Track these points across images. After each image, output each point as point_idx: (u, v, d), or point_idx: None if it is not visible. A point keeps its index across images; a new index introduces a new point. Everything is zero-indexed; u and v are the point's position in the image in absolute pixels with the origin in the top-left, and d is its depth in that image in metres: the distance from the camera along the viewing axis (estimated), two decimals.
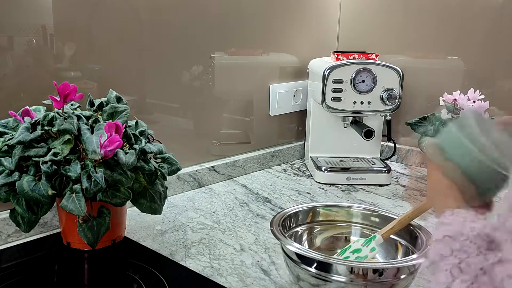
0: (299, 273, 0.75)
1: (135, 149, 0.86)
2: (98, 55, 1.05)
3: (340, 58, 1.32)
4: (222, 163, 1.33)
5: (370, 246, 0.80)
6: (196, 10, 1.22)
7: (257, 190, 1.27)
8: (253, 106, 1.42)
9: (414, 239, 0.80)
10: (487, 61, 1.37)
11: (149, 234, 1.00)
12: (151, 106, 1.18)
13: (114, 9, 1.06)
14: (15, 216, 0.83)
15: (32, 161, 0.82)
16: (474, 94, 1.25)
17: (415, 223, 0.82)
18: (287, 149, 1.52)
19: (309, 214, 0.89)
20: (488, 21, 1.36)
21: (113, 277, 0.86)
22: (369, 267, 0.71)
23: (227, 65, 1.32)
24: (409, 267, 0.72)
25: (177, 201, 1.18)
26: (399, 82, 1.29)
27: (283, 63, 1.48)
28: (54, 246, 0.94)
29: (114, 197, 0.84)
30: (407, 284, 0.74)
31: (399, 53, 1.52)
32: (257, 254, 0.92)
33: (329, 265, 0.71)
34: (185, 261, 0.89)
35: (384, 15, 1.55)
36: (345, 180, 1.32)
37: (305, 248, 0.80)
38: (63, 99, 0.85)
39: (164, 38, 1.17)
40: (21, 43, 0.94)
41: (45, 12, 0.96)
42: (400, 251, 0.83)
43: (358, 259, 0.79)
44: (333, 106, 1.29)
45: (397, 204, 1.20)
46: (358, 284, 0.70)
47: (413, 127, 1.31)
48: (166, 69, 1.18)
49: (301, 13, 1.50)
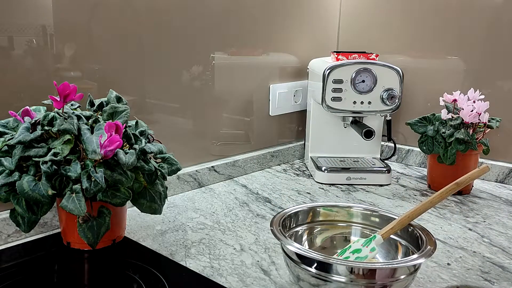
0: (299, 273, 0.75)
1: (135, 149, 0.86)
2: (98, 55, 1.05)
3: (340, 58, 1.32)
4: (222, 163, 1.33)
5: (370, 246, 0.80)
6: (196, 10, 1.22)
7: (257, 190, 1.27)
8: (253, 106, 1.42)
9: (414, 239, 0.80)
10: (487, 61, 1.37)
11: (149, 234, 1.00)
12: (151, 106, 1.18)
13: (114, 9, 1.06)
14: (15, 216, 0.83)
15: (32, 161, 0.82)
16: (474, 94, 1.26)
17: (415, 223, 0.82)
18: (287, 149, 1.52)
19: (309, 214, 0.89)
20: (488, 21, 1.36)
21: (113, 277, 0.86)
22: (369, 267, 0.71)
23: (227, 65, 1.32)
24: (409, 267, 0.72)
25: (177, 201, 1.18)
26: (399, 82, 1.29)
27: (283, 63, 1.48)
28: (54, 246, 0.94)
29: (114, 197, 0.84)
30: (407, 284, 0.74)
31: (399, 53, 1.53)
32: (257, 254, 0.92)
33: (329, 265, 0.71)
34: (185, 261, 0.89)
35: (384, 15, 1.55)
36: (345, 180, 1.33)
37: (305, 248, 0.80)
38: (63, 99, 0.85)
39: (164, 38, 1.17)
40: (21, 43, 0.94)
41: (45, 12, 0.96)
42: (400, 251, 0.83)
43: (358, 259, 0.79)
44: (333, 106, 1.29)
45: (397, 204, 1.20)
46: (358, 284, 0.70)
47: (413, 127, 1.31)
48: (166, 69, 1.18)
49: (301, 13, 1.50)
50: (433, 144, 1.26)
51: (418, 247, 0.77)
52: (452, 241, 1.00)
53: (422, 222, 1.09)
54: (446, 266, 0.89)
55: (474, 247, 0.97)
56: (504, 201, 1.23)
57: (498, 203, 1.21)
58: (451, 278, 0.85)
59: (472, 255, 0.94)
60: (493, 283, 0.84)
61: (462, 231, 1.05)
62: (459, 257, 0.93)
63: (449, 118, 1.25)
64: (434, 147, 1.26)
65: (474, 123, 1.23)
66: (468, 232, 1.04)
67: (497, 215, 1.14)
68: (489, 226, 1.08)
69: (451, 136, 1.22)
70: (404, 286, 0.73)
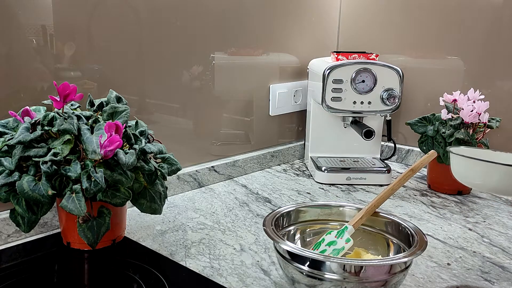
0: (293, 275, 0.75)
1: (135, 149, 0.86)
2: (98, 55, 1.05)
3: (340, 58, 1.32)
4: (222, 163, 1.33)
5: (345, 237, 0.81)
6: (196, 10, 1.22)
7: (257, 190, 1.27)
8: (253, 106, 1.42)
9: (405, 237, 0.81)
10: (487, 61, 1.37)
11: (149, 234, 1.00)
12: (151, 106, 1.18)
13: (114, 9, 1.07)
14: (15, 216, 0.83)
15: (32, 161, 0.82)
16: (474, 94, 1.25)
17: (409, 223, 0.82)
18: (287, 149, 1.52)
19: (300, 213, 0.89)
20: (488, 21, 1.36)
21: (113, 277, 0.86)
22: (362, 264, 0.71)
23: (227, 65, 1.32)
24: (400, 264, 0.72)
25: (177, 201, 1.18)
26: (399, 82, 1.29)
27: (283, 63, 1.48)
28: (54, 246, 0.94)
29: (114, 197, 0.85)
30: (399, 280, 0.74)
31: (399, 53, 1.53)
32: (257, 254, 0.92)
33: (321, 262, 0.71)
34: (185, 261, 0.89)
35: (384, 15, 1.55)
36: (345, 180, 1.33)
37: (298, 246, 0.79)
38: (63, 99, 0.85)
39: (164, 38, 1.17)
40: (21, 43, 0.94)
41: (45, 12, 0.96)
42: (392, 249, 0.83)
43: (335, 251, 0.79)
44: (333, 106, 1.29)
45: (397, 204, 1.20)
46: (350, 282, 0.70)
47: (413, 127, 1.31)
48: (166, 69, 1.19)
49: (301, 13, 1.50)
50: (433, 144, 1.26)
51: (409, 245, 0.78)
52: (452, 241, 1.00)
53: (422, 222, 1.09)
54: (446, 266, 0.89)
55: (474, 247, 0.97)
56: (504, 201, 1.23)
57: (498, 203, 1.21)
58: (451, 278, 0.85)
59: (472, 255, 0.94)
60: (493, 283, 0.84)
61: (462, 231, 1.05)
62: (459, 257, 0.93)
63: (449, 118, 1.25)
64: (434, 147, 1.26)
65: (474, 123, 1.23)
66: (468, 232, 1.04)
67: (497, 215, 1.14)
68: (489, 226, 1.08)
69: (451, 136, 1.22)
70: (395, 282, 0.73)
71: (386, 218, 0.86)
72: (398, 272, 0.72)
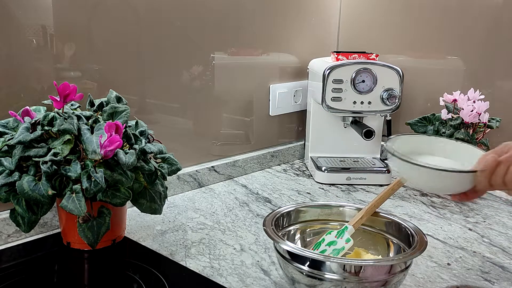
0: (293, 275, 0.75)
1: (135, 149, 0.86)
2: (98, 55, 1.05)
3: (340, 58, 1.32)
4: (222, 163, 1.33)
5: (345, 237, 0.81)
6: (196, 10, 1.22)
7: (257, 190, 1.27)
8: (253, 106, 1.42)
9: (405, 237, 0.81)
10: (487, 61, 1.37)
11: (149, 234, 1.00)
12: (151, 106, 1.18)
13: (114, 9, 1.06)
14: (15, 216, 0.83)
15: (32, 161, 0.82)
16: (474, 94, 1.25)
17: (409, 223, 0.82)
18: (287, 149, 1.52)
19: (300, 213, 0.89)
20: (488, 21, 1.35)
21: (113, 277, 0.86)
22: (362, 264, 0.71)
23: (227, 65, 1.32)
24: (400, 264, 0.72)
25: (177, 201, 1.18)
26: (399, 82, 1.29)
27: (283, 63, 1.48)
28: (54, 246, 0.94)
29: (114, 197, 0.84)
30: (399, 280, 0.74)
31: (399, 53, 1.52)
32: (257, 254, 0.92)
33: (321, 262, 0.71)
34: (185, 261, 0.89)
35: (384, 15, 1.55)
36: (345, 180, 1.33)
37: (298, 246, 0.79)
38: (63, 99, 0.85)
39: (164, 38, 1.17)
40: (21, 43, 0.94)
41: (45, 12, 0.96)
42: (392, 249, 0.83)
43: (335, 251, 0.79)
44: (333, 106, 1.29)
45: (397, 204, 1.20)
46: (350, 282, 0.70)
47: (413, 127, 1.31)
48: (166, 69, 1.18)
49: (301, 13, 1.50)
50: None
51: (409, 245, 0.78)
52: (452, 241, 1.00)
53: (422, 222, 1.09)
54: (446, 266, 0.89)
55: (474, 247, 0.97)
56: (504, 201, 1.23)
57: (498, 203, 1.21)
58: (451, 278, 0.85)
59: (472, 255, 0.94)
60: (493, 283, 0.84)
61: (462, 231, 1.05)
62: (459, 257, 0.93)
63: (449, 118, 1.25)
64: None
65: (474, 123, 1.23)
66: (468, 232, 1.04)
67: (497, 215, 1.14)
68: (489, 226, 1.08)
69: (451, 136, 1.22)
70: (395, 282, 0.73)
71: (386, 218, 0.86)
72: (398, 272, 0.72)
